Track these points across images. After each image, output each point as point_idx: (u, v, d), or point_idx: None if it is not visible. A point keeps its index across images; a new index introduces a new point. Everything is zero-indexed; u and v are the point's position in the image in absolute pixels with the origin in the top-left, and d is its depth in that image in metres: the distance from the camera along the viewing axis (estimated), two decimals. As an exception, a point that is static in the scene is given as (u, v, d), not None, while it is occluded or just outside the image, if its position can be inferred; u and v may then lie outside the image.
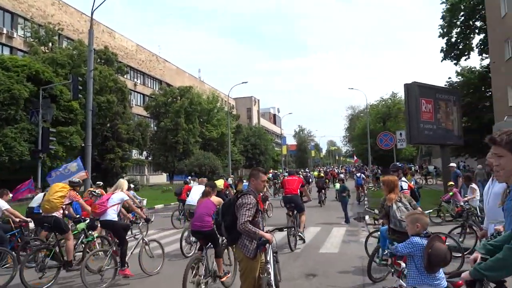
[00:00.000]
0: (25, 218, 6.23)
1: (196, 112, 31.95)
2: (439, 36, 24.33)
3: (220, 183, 9.66)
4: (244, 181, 10.39)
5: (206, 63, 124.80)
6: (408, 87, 9.04)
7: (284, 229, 3.67)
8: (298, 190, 7.30)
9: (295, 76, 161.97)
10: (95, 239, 5.63)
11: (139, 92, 35.14)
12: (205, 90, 38.80)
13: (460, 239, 5.86)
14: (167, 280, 4.90)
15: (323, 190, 14.20)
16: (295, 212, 7.11)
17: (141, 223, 5.62)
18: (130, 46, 33.81)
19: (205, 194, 4.96)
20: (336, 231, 8.45)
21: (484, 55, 23.91)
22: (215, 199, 4.84)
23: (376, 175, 24.20)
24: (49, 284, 4.66)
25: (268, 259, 3.16)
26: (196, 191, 7.26)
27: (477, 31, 23.74)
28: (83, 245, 5.45)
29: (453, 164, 10.12)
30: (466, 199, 7.09)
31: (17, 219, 6.16)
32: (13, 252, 5.54)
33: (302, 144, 75.85)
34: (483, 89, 23.05)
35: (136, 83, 34.56)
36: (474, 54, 42.93)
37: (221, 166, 31.01)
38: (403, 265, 3.16)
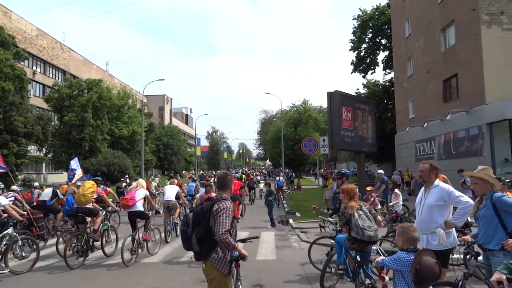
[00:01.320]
0: (18, 216, 6.93)
1: (106, 108, 30.15)
2: (350, 50, 27.13)
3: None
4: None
5: (115, 57, 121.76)
6: (331, 95, 9.00)
7: (248, 240, 3.49)
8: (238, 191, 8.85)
9: (209, 77, 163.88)
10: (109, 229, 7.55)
11: (38, 82, 32.56)
12: (115, 85, 36.51)
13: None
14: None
15: (253, 190, 16.79)
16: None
17: (150, 214, 7.59)
18: (30, 30, 30.74)
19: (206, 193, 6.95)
20: (265, 235, 8.61)
21: (387, 70, 26.57)
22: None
23: (290, 179, 26.91)
24: (84, 263, 6.42)
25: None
26: (170, 189, 8.97)
27: (382, 48, 26.29)
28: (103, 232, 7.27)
29: (380, 171, 10.74)
30: (392, 203, 7.63)
31: (19, 217, 7.03)
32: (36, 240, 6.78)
33: (215, 145, 77.61)
34: (385, 101, 25.40)
35: (35, 71, 31.57)
36: (379, 69, 48.45)
37: (132, 166, 30.00)
38: (387, 278, 3.07)
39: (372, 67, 28.87)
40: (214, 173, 45.44)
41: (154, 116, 46.49)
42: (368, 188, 8.33)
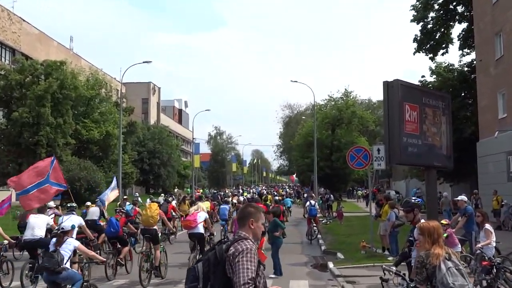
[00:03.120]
0: (91, 235, 10.55)
1: (70, 101, 30.57)
2: (412, 21, 25.17)
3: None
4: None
5: (82, 31, 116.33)
6: (388, 87, 8.56)
7: None
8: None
9: (211, 60, 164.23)
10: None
11: (-26, 64, 32.68)
12: (83, 69, 37.05)
13: None
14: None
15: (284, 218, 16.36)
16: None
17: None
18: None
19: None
20: (296, 285, 9.05)
21: (466, 50, 24.67)
22: None
23: (327, 202, 26.70)
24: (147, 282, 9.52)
25: None
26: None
27: (458, 18, 24.38)
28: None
29: (462, 198, 10.66)
30: (480, 245, 7.25)
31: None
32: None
33: (219, 153, 78.29)
34: (463, 94, 23.77)
35: (-31, 48, 32.19)
36: (454, 48, 45.17)
37: (104, 182, 30.39)
38: None
39: (443, 45, 27.11)
40: (241, 189, 45.65)
41: (136, 111, 47.01)
42: (443, 222, 8.14)
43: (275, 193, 40.33)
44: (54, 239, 7.30)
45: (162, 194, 29.27)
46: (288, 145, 60.64)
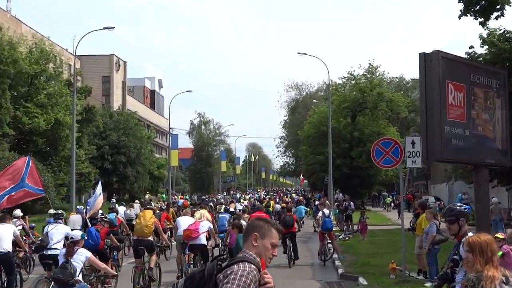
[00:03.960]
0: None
1: (7, 79, 30.50)
2: None
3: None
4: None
5: None
6: (426, 59, 8.56)
7: None
8: None
9: (193, 25, 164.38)
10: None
11: None
12: (24, 37, 36.91)
13: None
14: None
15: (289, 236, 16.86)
16: None
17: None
18: None
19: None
20: None
21: None
22: None
23: (346, 212, 27.33)
24: None
25: None
26: (188, 221, 13.23)
27: None
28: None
29: (495, 200, 10.35)
30: None
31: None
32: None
33: (204, 148, 78.60)
34: None
35: None
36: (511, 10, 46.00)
37: (53, 185, 30.30)
38: None
39: (498, 6, 27.42)
40: (233, 195, 46.00)
41: (94, 93, 47.00)
42: (498, 236, 8.39)
43: (277, 199, 40.55)
44: (63, 250, 8.53)
45: (137, 201, 29.55)
46: (295, 137, 60.83)
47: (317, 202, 33.05)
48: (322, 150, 41.29)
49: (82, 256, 8.16)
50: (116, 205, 23.45)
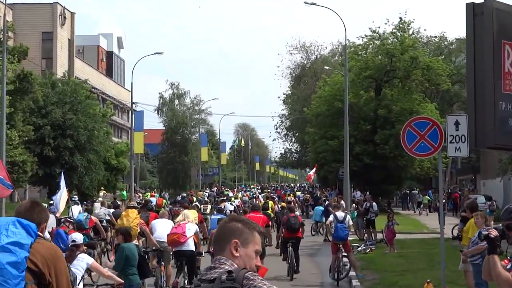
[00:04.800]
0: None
1: None
2: None
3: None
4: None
5: None
6: (476, 13, 8.76)
7: None
8: None
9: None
10: None
11: None
12: None
13: None
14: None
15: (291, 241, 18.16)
16: None
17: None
18: None
19: None
20: None
21: None
22: None
23: (368, 216, 27.46)
24: None
25: None
26: (166, 225, 14.43)
27: None
28: None
29: None
30: None
31: None
32: None
33: (178, 128, 78.82)
34: None
35: None
36: None
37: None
38: None
39: None
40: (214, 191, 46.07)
41: (31, 55, 46.59)
42: None
43: (275, 197, 40.70)
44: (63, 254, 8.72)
45: (100, 198, 30.09)
46: (300, 116, 60.83)
47: (327, 203, 33.02)
48: (336, 134, 41.49)
49: (83, 262, 8.86)
50: (74, 204, 24.55)
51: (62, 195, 18.68)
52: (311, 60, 71.86)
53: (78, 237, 10.00)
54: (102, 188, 50.02)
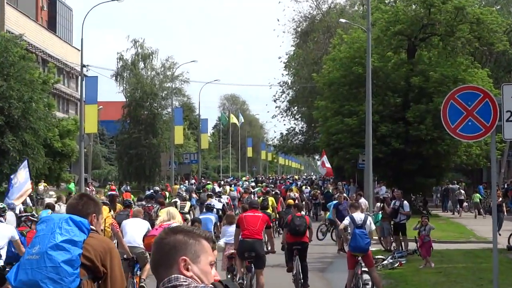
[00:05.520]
0: None
1: None
2: None
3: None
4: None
5: None
6: None
7: None
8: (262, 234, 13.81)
9: None
10: None
11: None
12: None
13: None
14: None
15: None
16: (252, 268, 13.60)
17: None
18: None
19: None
20: None
21: None
22: None
23: (395, 220, 27.63)
24: None
25: None
26: (137, 226, 15.07)
27: None
28: None
29: None
30: None
31: None
32: None
33: (145, 101, 78.90)
34: None
35: None
36: None
37: None
38: None
39: None
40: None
41: None
42: None
43: (278, 192, 40.68)
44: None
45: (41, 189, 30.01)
46: (307, 85, 60.60)
47: (344, 203, 32.75)
48: (355, 109, 41.85)
49: None
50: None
51: (23, 187, 19.14)
52: (322, 11, 71.61)
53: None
54: (43, 179, 49.96)
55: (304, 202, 40.61)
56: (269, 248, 18.88)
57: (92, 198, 9.18)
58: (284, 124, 74.70)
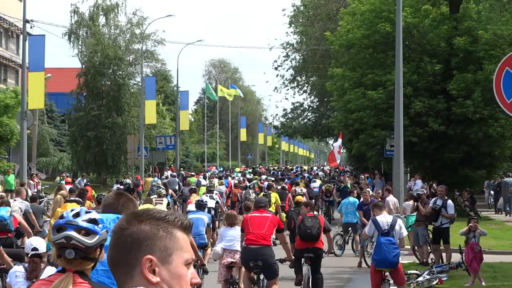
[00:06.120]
0: None
1: None
2: None
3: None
4: None
5: None
6: None
7: None
8: (271, 239, 14.46)
9: None
10: None
11: None
12: None
13: None
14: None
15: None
16: (262, 279, 14.48)
17: None
18: None
19: None
20: None
21: None
22: None
23: (436, 224, 27.75)
24: None
25: None
26: None
27: None
28: None
29: None
30: None
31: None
32: None
33: (106, 66, 79.61)
34: None
35: None
36: None
37: None
38: None
39: None
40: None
41: None
42: None
43: (283, 187, 40.87)
44: (21, 268, 10.55)
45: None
46: (319, 48, 60.67)
47: (370, 200, 32.72)
48: (382, 79, 41.95)
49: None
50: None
51: None
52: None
53: (40, 243, 11.15)
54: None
55: (312, 200, 40.64)
56: (284, 256, 19.13)
57: (130, 197, 9.78)
58: (287, 99, 74.26)
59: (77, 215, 6.47)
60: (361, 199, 31.12)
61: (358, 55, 45.00)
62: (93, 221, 6.59)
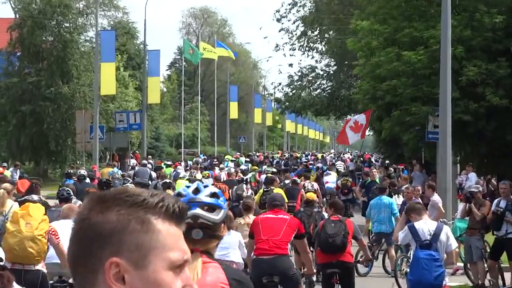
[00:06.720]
0: None
1: None
2: None
3: None
4: None
5: None
6: None
7: None
8: (288, 247, 15.38)
9: None
10: None
11: None
12: None
13: None
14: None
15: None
16: None
17: None
18: None
19: None
20: None
21: None
22: None
23: (498, 233, 27.99)
24: None
25: None
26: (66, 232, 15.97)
27: None
28: None
29: None
30: None
31: None
32: None
33: (48, 16, 79.79)
34: None
35: None
36: None
37: None
38: None
39: None
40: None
41: None
42: None
43: (294, 181, 41.37)
44: None
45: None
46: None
47: (414, 200, 32.85)
48: (422, 34, 41.57)
49: None
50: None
51: None
52: None
53: None
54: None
55: (325, 199, 40.95)
56: (303, 269, 19.67)
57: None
58: (292, 63, 74.09)
59: (197, 191, 7.53)
60: (401, 199, 31.17)
61: (391, 3, 45.01)
62: (215, 195, 7.72)
